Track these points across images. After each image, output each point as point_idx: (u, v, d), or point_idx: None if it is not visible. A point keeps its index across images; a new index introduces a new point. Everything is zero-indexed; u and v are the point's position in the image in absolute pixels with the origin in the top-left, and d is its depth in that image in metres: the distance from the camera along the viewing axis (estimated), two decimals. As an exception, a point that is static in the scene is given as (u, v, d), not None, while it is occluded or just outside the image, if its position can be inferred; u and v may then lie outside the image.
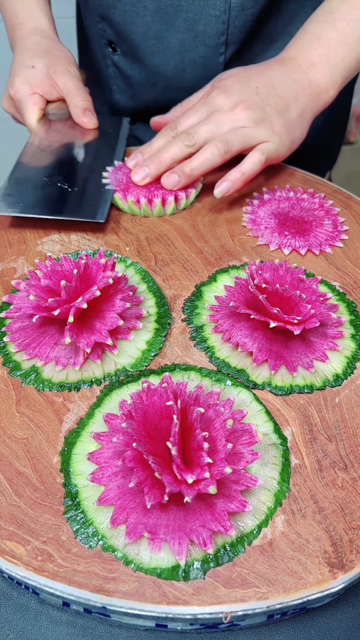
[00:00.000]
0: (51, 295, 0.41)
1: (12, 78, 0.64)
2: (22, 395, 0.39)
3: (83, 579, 0.31)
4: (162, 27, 0.66)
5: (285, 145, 0.56)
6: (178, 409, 0.33)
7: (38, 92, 0.64)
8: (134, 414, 0.34)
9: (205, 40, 0.66)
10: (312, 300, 0.42)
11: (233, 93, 0.55)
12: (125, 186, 0.56)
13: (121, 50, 0.71)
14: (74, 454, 0.36)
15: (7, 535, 0.32)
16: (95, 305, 0.42)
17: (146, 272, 0.48)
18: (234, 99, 0.54)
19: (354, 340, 0.43)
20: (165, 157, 0.55)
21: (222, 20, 0.64)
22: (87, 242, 0.52)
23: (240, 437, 0.35)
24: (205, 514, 0.32)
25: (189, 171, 0.54)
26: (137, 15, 0.66)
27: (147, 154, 0.57)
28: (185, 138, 0.54)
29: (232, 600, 0.30)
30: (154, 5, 0.64)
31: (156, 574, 0.31)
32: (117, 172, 0.58)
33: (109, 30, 0.70)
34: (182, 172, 0.54)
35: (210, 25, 0.65)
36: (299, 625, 0.34)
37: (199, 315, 0.45)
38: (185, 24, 0.65)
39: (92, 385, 0.40)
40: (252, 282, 0.42)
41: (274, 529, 0.33)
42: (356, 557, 0.32)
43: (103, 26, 0.71)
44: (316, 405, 0.39)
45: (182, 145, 0.54)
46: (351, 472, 0.36)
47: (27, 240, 0.52)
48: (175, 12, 0.64)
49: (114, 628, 0.33)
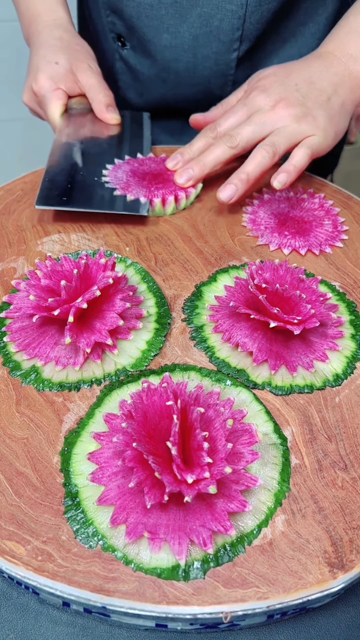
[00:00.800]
0: (51, 295, 0.41)
1: (36, 73, 0.63)
2: (22, 395, 0.39)
3: (83, 579, 0.31)
4: (177, 21, 0.65)
5: (330, 137, 0.55)
6: (178, 409, 0.33)
7: (61, 88, 0.63)
8: (134, 414, 0.34)
9: (219, 35, 0.65)
10: (312, 300, 0.42)
11: (273, 92, 0.54)
12: (126, 185, 0.56)
13: (131, 45, 0.71)
14: (74, 454, 0.36)
15: (7, 535, 0.32)
16: (95, 305, 0.42)
17: (146, 272, 0.48)
18: (274, 97, 0.54)
19: (354, 340, 0.43)
20: (209, 159, 0.55)
21: (238, 16, 0.63)
22: (87, 242, 0.52)
23: (240, 437, 0.35)
24: (205, 514, 0.32)
25: (246, 177, 0.53)
26: (152, 7, 0.65)
27: (187, 155, 0.57)
28: (228, 140, 0.54)
29: (232, 600, 0.30)
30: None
31: (156, 574, 0.31)
32: (117, 170, 0.58)
33: (118, 23, 0.69)
34: (239, 179, 0.53)
35: (226, 20, 0.64)
36: (299, 625, 0.34)
37: (199, 315, 0.45)
38: (200, 18, 0.64)
39: (92, 385, 0.40)
40: (252, 282, 0.42)
41: (274, 529, 0.33)
42: (356, 557, 0.32)
43: (113, 19, 0.70)
44: (316, 405, 0.39)
45: (225, 147, 0.54)
46: (351, 472, 0.36)
47: (27, 240, 0.52)
48: (190, 5, 0.64)
49: (114, 628, 0.33)
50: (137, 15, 0.66)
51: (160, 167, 0.59)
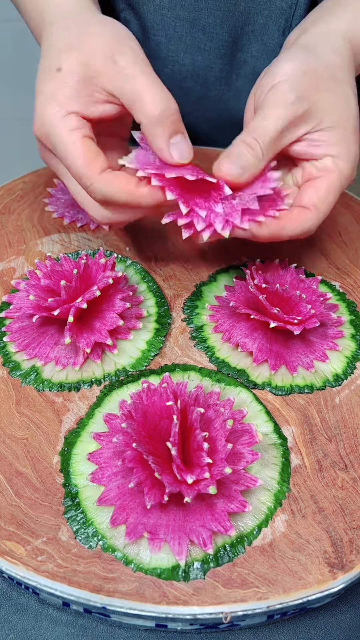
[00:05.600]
0: (51, 295, 0.41)
1: (35, 104, 0.39)
2: (22, 395, 0.39)
3: (83, 579, 0.31)
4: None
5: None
6: (178, 409, 0.33)
7: (74, 111, 0.37)
8: (134, 414, 0.34)
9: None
10: (312, 300, 0.42)
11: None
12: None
13: (145, 51, 0.61)
14: (74, 454, 0.36)
15: (7, 535, 0.32)
16: (95, 305, 0.41)
17: (146, 272, 0.48)
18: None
19: (354, 340, 0.43)
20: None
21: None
22: (87, 242, 0.52)
23: (240, 437, 0.35)
24: (205, 514, 0.32)
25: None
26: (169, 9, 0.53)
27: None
28: None
29: (232, 600, 0.30)
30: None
31: (156, 574, 0.31)
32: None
33: (133, 22, 0.58)
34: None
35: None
36: (299, 625, 0.34)
37: (199, 315, 0.45)
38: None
39: (92, 385, 0.40)
40: (252, 282, 0.42)
41: (274, 529, 0.33)
42: (356, 557, 0.32)
43: (126, 16, 0.58)
44: (316, 405, 0.39)
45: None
46: (351, 472, 0.36)
47: (27, 240, 0.52)
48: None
49: (114, 628, 0.33)
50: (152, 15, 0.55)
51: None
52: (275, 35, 0.57)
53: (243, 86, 0.60)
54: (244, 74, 0.59)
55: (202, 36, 0.55)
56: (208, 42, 0.55)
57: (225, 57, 0.58)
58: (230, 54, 0.58)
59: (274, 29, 0.56)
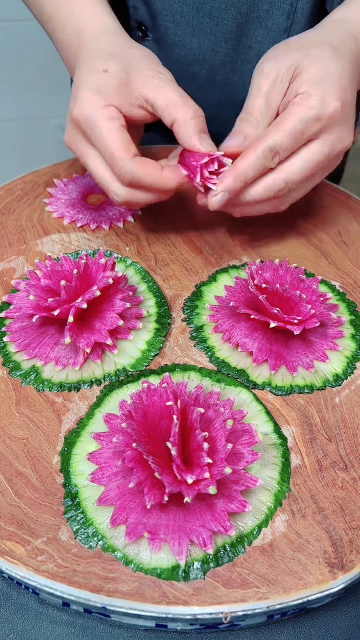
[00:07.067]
0: (51, 295, 0.41)
1: (76, 94, 0.45)
2: (22, 395, 0.39)
3: (83, 579, 0.31)
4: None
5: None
6: (178, 409, 0.33)
7: (114, 105, 0.44)
8: (134, 414, 0.34)
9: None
10: (312, 300, 0.42)
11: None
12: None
13: (153, 36, 0.60)
14: (74, 454, 0.36)
15: (7, 535, 0.32)
16: (95, 305, 0.42)
17: (146, 272, 0.48)
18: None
19: (354, 340, 0.43)
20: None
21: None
22: (87, 242, 0.52)
23: (240, 437, 0.35)
24: (205, 514, 0.32)
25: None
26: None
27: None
28: None
29: (232, 600, 0.30)
30: None
31: (156, 574, 0.31)
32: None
33: (142, 8, 0.59)
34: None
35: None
36: (299, 625, 0.34)
37: (199, 315, 0.45)
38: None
39: (92, 385, 0.40)
40: (252, 282, 0.42)
41: (274, 529, 0.33)
42: (356, 557, 0.32)
43: (135, 3, 0.59)
44: (316, 405, 0.39)
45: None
46: (351, 472, 0.36)
47: (27, 240, 0.52)
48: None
49: (114, 628, 0.33)
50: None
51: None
52: (279, 20, 0.57)
53: (248, 71, 0.60)
54: (249, 59, 0.61)
55: (209, 20, 0.58)
56: (214, 26, 0.57)
57: (230, 41, 0.59)
58: (235, 39, 0.59)
59: (278, 14, 0.57)
